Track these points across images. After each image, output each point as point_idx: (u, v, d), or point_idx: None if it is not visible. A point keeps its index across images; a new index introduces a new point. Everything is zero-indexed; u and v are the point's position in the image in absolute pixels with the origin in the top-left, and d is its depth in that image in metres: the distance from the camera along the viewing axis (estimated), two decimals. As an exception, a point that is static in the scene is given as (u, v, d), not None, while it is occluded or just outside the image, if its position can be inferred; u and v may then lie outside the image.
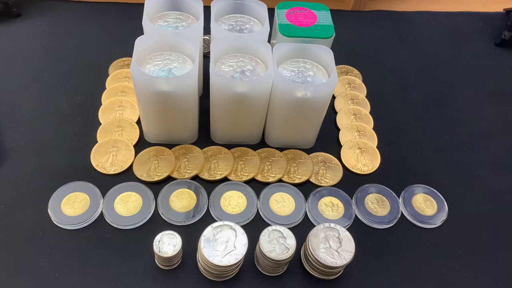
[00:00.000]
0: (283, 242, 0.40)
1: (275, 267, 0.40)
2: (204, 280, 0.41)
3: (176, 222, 0.44)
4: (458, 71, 0.64)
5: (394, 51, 0.66)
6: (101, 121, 0.51)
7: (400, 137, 0.55)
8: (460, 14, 0.74)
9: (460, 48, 0.68)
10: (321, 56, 0.47)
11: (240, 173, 0.48)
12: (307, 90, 0.44)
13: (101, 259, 0.41)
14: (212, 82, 0.44)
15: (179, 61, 0.46)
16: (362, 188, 0.49)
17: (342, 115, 0.56)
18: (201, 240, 0.38)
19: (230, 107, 0.46)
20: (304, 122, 0.48)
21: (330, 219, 0.46)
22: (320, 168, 0.50)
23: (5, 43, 0.59)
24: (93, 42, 0.61)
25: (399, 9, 0.73)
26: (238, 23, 0.50)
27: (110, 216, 0.44)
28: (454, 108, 0.59)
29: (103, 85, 0.56)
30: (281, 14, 0.50)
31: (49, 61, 0.58)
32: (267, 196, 0.47)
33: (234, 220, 0.43)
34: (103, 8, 0.66)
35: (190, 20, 0.50)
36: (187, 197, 0.46)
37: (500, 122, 0.58)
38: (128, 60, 0.59)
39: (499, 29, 0.70)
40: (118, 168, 0.47)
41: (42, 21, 0.63)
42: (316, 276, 0.42)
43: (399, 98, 0.60)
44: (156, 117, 0.47)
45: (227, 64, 0.47)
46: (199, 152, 0.49)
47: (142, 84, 0.43)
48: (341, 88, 0.59)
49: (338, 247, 0.40)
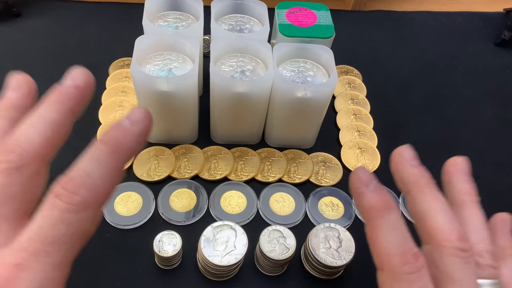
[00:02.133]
0: (283, 242, 0.40)
1: (275, 267, 0.40)
2: (204, 280, 0.41)
3: (176, 222, 0.44)
4: (458, 71, 0.64)
5: (394, 51, 0.66)
6: (101, 121, 0.51)
7: (400, 137, 0.55)
8: (460, 14, 0.74)
9: (460, 48, 0.68)
10: (321, 56, 0.47)
11: (240, 173, 0.48)
12: (307, 90, 0.44)
13: (101, 259, 0.41)
14: (212, 82, 0.44)
15: (179, 61, 0.46)
16: (362, 188, 0.49)
17: (342, 115, 0.56)
18: (201, 240, 0.38)
19: (230, 107, 0.46)
20: (304, 122, 0.48)
21: (330, 219, 0.46)
22: (320, 168, 0.50)
23: (5, 43, 0.59)
24: (93, 42, 0.61)
25: (399, 9, 0.73)
26: (238, 23, 0.50)
27: (110, 216, 0.44)
28: (454, 108, 0.59)
29: (103, 85, 0.56)
30: (281, 14, 0.50)
31: (49, 61, 0.58)
32: (267, 196, 0.47)
33: (234, 220, 0.43)
34: (103, 8, 0.66)
35: (190, 20, 0.50)
36: (187, 197, 0.46)
37: (500, 122, 0.58)
38: (128, 60, 0.59)
39: (499, 29, 0.70)
40: (118, 168, 0.47)
41: (42, 21, 0.63)
42: (316, 276, 0.42)
43: (399, 98, 0.60)
44: (156, 117, 0.46)
45: (227, 64, 0.47)
46: (199, 152, 0.49)
47: (142, 84, 0.43)
48: (341, 88, 0.59)
49: (338, 247, 0.40)
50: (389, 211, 0.25)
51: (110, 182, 0.22)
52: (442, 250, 0.24)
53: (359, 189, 0.26)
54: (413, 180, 0.27)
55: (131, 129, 0.23)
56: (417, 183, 0.27)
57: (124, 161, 0.23)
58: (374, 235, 0.25)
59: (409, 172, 0.27)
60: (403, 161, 0.28)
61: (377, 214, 0.25)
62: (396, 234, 0.24)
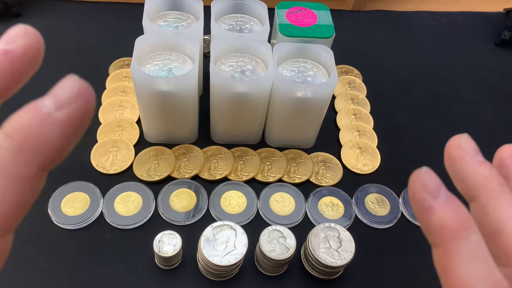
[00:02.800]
0: (283, 242, 0.40)
1: (275, 267, 0.40)
2: (204, 280, 0.41)
3: (176, 222, 0.44)
4: (458, 71, 0.64)
5: (394, 51, 0.66)
6: (101, 121, 0.51)
7: (400, 137, 0.55)
8: (461, 14, 0.74)
9: (460, 48, 0.68)
10: (321, 56, 0.47)
11: (240, 173, 0.48)
12: (307, 90, 0.44)
13: (101, 259, 0.41)
14: (212, 82, 0.44)
15: (179, 61, 0.46)
16: (362, 188, 0.49)
17: (342, 115, 0.56)
18: (201, 240, 0.38)
19: (230, 107, 0.46)
20: (304, 122, 0.48)
21: (330, 219, 0.46)
22: (320, 168, 0.50)
23: (5, 43, 0.59)
24: (93, 42, 0.61)
25: (399, 9, 0.73)
26: (238, 23, 0.50)
27: (110, 216, 0.44)
28: (454, 108, 0.59)
29: (103, 85, 0.56)
30: (281, 14, 0.50)
31: (49, 61, 0.58)
32: (267, 196, 0.47)
33: (234, 220, 0.43)
34: (103, 8, 0.66)
35: (190, 20, 0.50)
36: (187, 197, 0.46)
37: (500, 122, 0.58)
38: (128, 60, 0.59)
39: (499, 29, 0.70)
40: (118, 168, 0.47)
41: (42, 21, 0.63)
42: (316, 276, 0.42)
43: (399, 98, 0.60)
44: (156, 117, 0.47)
45: (227, 64, 0.47)
46: (199, 152, 0.49)
47: (142, 84, 0.43)
48: (341, 88, 0.59)
49: (338, 247, 0.40)
50: (468, 231, 0.19)
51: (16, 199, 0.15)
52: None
53: (425, 201, 0.19)
54: (482, 183, 0.21)
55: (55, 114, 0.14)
56: (488, 187, 0.20)
57: (41, 164, 0.14)
58: (449, 265, 0.19)
59: (476, 171, 0.21)
60: (466, 156, 0.21)
61: (452, 236, 0.19)
62: (479, 263, 0.19)
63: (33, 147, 0.14)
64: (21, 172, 0.14)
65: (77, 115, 0.15)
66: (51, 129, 0.14)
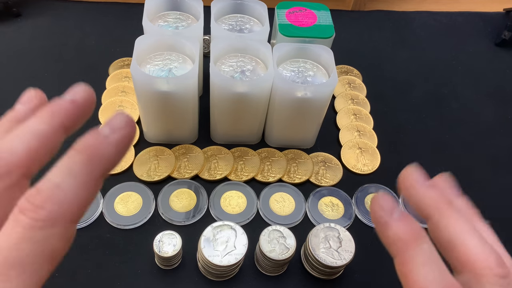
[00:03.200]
0: (283, 242, 0.40)
1: (275, 267, 0.40)
2: (204, 280, 0.41)
3: (176, 222, 0.44)
4: (458, 71, 0.64)
5: (394, 51, 0.66)
6: (101, 121, 0.51)
7: (400, 137, 0.55)
8: (460, 14, 0.74)
9: (460, 48, 0.68)
10: (321, 56, 0.47)
11: (240, 173, 0.48)
12: (307, 90, 0.44)
13: (101, 259, 0.41)
14: (212, 82, 0.44)
15: (179, 61, 0.46)
16: (362, 188, 0.49)
17: (342, 115, 0.56)
18: (201, 240, 0.38)
19: (230, 107, 0.46)
20: (304, 122, 0.48)
21: (330, 219, 0.46)
22: (320, 168, 0.50)
23: (5, 43, 0.59)
24: (93, 42, 0.61)
25: (399, 9, 0.73)
26: (238, 23, 0.50)
27: (110, 216, 0.44)
28: (454, 108, 0.59)
29: (103, 85, 0.56)
30: (281, 14, 0.50)
31: (49, 61, 0.58)
32: (267, 196, 0.47)
33: (234, 220, 0.43)
34: (103, 8, 0.66)
35: (190, 20, 0.50)
36: (187, 197, 0.46)
37: (500, 122, 0.58)
38: (128, 60, 0.59)
39: (499, 29, 0.70)
40: (118, 168, 0.47)
41: (42, 21, 0.63)
42: (316, 276, 0.42)
43: (399, 98, 0.60)
44: (156, 117, 0.47)
45: (227, 64, 0.47)
46: (199, 152, 0.49)
47: (142, 84, 0.43)
48: (341, 88, 0.59)
49: (338, 247, 0.40)
50: (419, 240, 0.22)
51: (84, 196, 0.19)
52: (482, 280, 0.22)
53: (381, 218, 0.23)
54: (432, 204, 0.24)
55: (111, 136, 0.20)
56: (436, 206, 0.24)
57: (101, 172, 0.20)
58: (407, 271, 0.22)
59: (425, 195, 0.24)
60: (415, 183, 0.25)
61: (406, 246, 0.22)
62: (432, 267, 0.21)
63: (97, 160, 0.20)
64: (88, 177, 0.20)
65: (125, 137, 0.21)
66: (108, 147, 0.20)
